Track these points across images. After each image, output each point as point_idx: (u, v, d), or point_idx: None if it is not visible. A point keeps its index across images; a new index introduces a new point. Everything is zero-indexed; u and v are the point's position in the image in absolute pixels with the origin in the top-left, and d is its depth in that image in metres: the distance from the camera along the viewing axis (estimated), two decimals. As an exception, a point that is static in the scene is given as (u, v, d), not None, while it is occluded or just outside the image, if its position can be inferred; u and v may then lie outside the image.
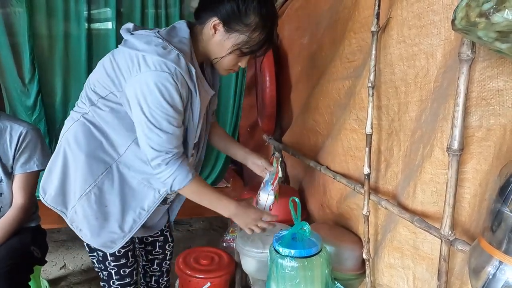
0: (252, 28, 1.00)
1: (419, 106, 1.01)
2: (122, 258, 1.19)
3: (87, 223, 1.10)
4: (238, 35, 1.00)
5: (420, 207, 0.97)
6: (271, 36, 1.05)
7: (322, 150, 1.55)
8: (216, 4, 0.99)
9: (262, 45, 1.04)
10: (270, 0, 1.05)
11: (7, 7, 1.74)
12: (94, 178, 1.07)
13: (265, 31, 1.02)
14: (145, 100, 0.95)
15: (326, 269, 1.09)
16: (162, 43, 0.97)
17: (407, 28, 0.98)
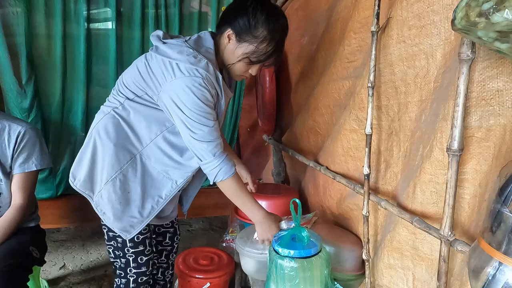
0: (260, 40, 1.12)
1: (419, 107, 1.00)
2: (140, 245, 1.27)
3: (111, 207, 1.20)
4: (247, 45, 1.13)
5: (419, 208, 0.96)
6: (279, 48, 1.16)
7: (322, 150, 1.55)
8: (231, 18, 1.14)
9: (269, 56, 1.15)
10: (279, 15, 1.15)
11: (5, 7, 1.74)
12: (120, 166, 1.18)
13: (272, 43, 1.13)
14: (183, 102, 1.08)
15: (326, 270, 1.08)
16: (193, 53, 1.10)
17: (407, 28, 0.98)
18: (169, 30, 2.04)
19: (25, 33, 1.76)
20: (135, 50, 2.01)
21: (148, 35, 2.03)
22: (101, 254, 2.32)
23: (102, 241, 2.49)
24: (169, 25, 2.04)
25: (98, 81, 1.99)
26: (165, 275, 1.59)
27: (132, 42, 2.02)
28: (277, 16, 1.14)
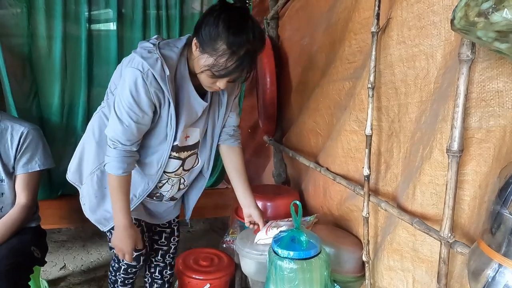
0: (219, 53, 1.04)
1: (419, 107, 1.00)
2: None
3: (88, 199, 1.30)
4: (207, 57, 1.07)
5: (419, 209, 0.96)
6: (243, 65, 1.06)
7: (322, 151, 1.54)
8: (198, 27, 1.08)
9: (230, 72, 1.06)
10: (247, 29, 1.04)
11: (5, 8, 1.74)
12: (99, 162, 1.24)
13: (232, 58, 1.04)
14: (118, 91, 1.10)
15: (325, 271, 1.08)
16: (150, 48, 1.10)
17: (407, 29, 0.98)
18: (170, 31, 2.04)
19: (25, 34, 1.77)
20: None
21: (149, 36, 2.03)
22: (101, 255, 2.32)
23: (102, 241, 2.49)
24: (170, 26, 2.04)
25: (99, 82, 1.99)
26: (163, 274, 1.60)
27: (133, 43, 2.02)
28: (243, 29, 1.03)
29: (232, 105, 1.33)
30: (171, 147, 1.21)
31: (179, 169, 1.29)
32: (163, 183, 1.31)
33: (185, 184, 1.38)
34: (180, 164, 1.28)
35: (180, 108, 1.17)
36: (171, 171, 1.28)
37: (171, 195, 1.37)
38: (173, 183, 1.33)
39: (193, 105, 1.19)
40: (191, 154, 1.30)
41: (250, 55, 1.06)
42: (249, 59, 1.07)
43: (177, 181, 1.33)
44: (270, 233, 1.31)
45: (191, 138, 1.26)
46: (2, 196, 1.42)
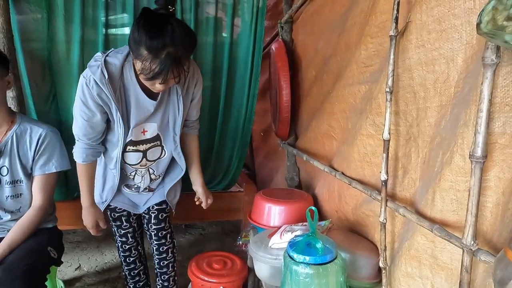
0: (143, 58, 1.13)
1: (438, 112, 0.99)
2: (117, 221, 1.58)
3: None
4: (138, 62, 1.18)
5: (439, 215, 0.94)
6: (167, 67, 1.12)
7: (337, 155, 1.53)
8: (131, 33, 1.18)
9: (156, 75, 1.14)
10: (166, 31, 1.10)
11: (26, 13, 1.78)
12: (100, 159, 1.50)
13: (155, 62, 1.12)
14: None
15: (341, 277, 1.07)
16: (97, 57, 1.28)
17: (427, 32, 0.96)
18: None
19: (45, 38, 1.80)
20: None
21: (164, 40, 2.06)
22: (115, 256, 2.35)
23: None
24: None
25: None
26: (160, 264, 1.69)
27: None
28: (161, 33, 1.08)
29: (191, 104, 1.47)
30: (123, 142, 1.36)
31: (142, 160, 1.45)
32: (133, 175, 1.50)
33: (155, 174, 1.53)
34: (141, 156, 1.44)
35: (129, 107, 1.32)
36: (134, 163, 1.45)
37: (146, 186, 1.54)
38: (143, 174, 1.50)
39: (142, 104, 1.33)
40: (152, 146, 1.44)
41: (172, 57, 1.12)
42: (172, 61, 1.12)
43: (145, 172, 1.50)
44: (285, 237, 1.30)
45: (149, 132, 1.40)
46: (20, 197, 1.45)
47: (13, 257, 1.28)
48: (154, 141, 1.44)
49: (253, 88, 2.10)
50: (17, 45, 1.75)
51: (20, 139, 1.43)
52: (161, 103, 1.37)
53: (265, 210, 1.63)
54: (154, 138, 1.43)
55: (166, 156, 1.50)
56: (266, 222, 1.61)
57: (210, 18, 2.06)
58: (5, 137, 1.40)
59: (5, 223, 1.43)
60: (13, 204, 1.44)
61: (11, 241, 1.32)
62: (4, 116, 1.41)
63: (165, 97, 1.38)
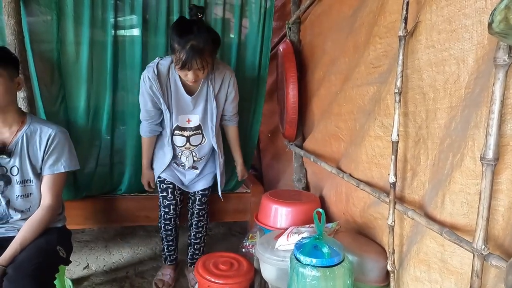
0: (175, 50, 1.51)
1: (448, 113, 0.97)
2: (164, 191, 1.86)
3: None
4: (173, 56, 1.55)
5: (449, 219, 0.93)
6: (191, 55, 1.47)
7: (344, 157, 1.52)
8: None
9: (184, 63, 1.49)
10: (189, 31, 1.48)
11: (36, 15, 1.80)
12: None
13: (182, 52, 1.48)
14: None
15: (349, 280, 1.06)
16: (154, 60, 1.69)
17: (437, 32, 0.95)
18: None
19: (54, 40, 1.83)
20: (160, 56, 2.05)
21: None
22: (123, 256, 2.36)
23: (124, 243, 2.53)
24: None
25: (123, 86, 2.03)
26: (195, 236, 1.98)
27: (157, 48, 2.05)
28: (187, 31, 1.48)
29: (226, 101, 1.79)
30: (171, 126, 1.74)
31: (186, 144, 1.81)
32: (179, 156, 1.85)
33: (197, 156, 1.86)
34: (185, 140, 1.80)
35: (172, 99, 1.69)
36: (180, 145, 1.81)
37: (190, 165, 1.88)
38: (187, 155, 1.85)
39: (181, 97, 1.70)
40: (195, 134, 1.80)
41: (195, 48, 1.46)
42: (195, 52, 1.47)
43: (189, 154, 1.85)
44: (291, 239, 1.29)
45: (192, 121, 1.77)
46: (30, 196, 1.47)
47: (23, 256, 1.29)
48: (196, 129, 1.79)
49: (260, 89, 2.10)
50: (28, 46, 1.78)
51: (30, 139, 1.44)
52: (198, 99, 1.72)
53: (272, 212, 1.62)
54: (196, 127, 1.79)
55: (206, 143, 1.84)
56: (273, 223, 1.61)
57: (218, 19, 2.06)
58: (16, 137, 1.42)
59: (15, 222, 1.45)
60: (23, 203, 1.46)
61: (21, 240, 1.34)
62: (14, 116, 1.43)
63: (201, 95, 1.72)
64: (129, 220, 2.14)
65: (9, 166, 1.42)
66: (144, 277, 2.09)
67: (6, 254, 1.28)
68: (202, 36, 1.48)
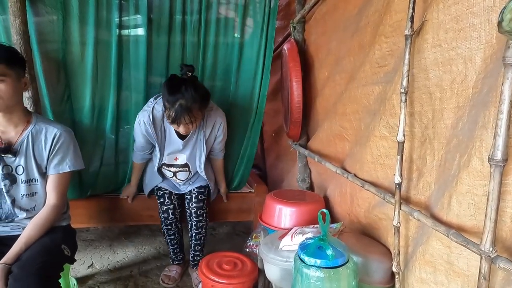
0: (165, 107, 1.67)
1: (455, 113, 0.96)
2: (161, 198, 1.94)
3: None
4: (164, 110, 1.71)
5: (455, 220, 0.92)
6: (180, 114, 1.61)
7: (349, 157, 1.51)
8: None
9: (174, 119, 1.64)
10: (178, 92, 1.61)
11: (42, 15, 1.81)
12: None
13: (171, 110, 1.62)
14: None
15: (353, 281, 1.05)
16: (149, 104, 1.83)
17: (444, 31, 0.94)
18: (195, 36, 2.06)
19: (60, 40, 1.83)
20: (163, 56, 2.05)
21: (175, 41, 2.06)
22: (127, 255, 2.37)
23: (128, 242, 2.54)
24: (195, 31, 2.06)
25: (127, 86, 2.04)
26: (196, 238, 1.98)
27: (160, 48, 2.05)
28: (176, 90, 1.61)
29: (215, 142, 1.95)
30: (159, 161, 1.91)
31: (173, 177, 1.97)
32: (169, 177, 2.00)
33: (184, 183, 2.01)
34: (173, 174, 1.96)
35: (166, 141, 1.85)
36: (169, 176, 1.99)
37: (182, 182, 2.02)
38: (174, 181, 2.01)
39: (173, 141, 1.85)
40: (181, 170, 1.95)
41: (183, 107, 1.60)
42: (183, 110, 1.60)
43: (175, 180, 2.01)
44: (295, 239, 1.29)
45: (179, 160, 1.92)
46: (35, 195, 1.47)
47: (27, 254, 1.30)
48: (183, 167, 1.94)
49: (263, 88, 2.10)
50: (34, 46, 1.78)
51: (36, 138, 1.45)
52: (188, 142, 1.88)
53: (276, 212, 1.62)
54: (183, 165, 1.94)
55: (191, 176, 1.99)
56: (276, 223, 1.60)
57: (221, 19, 2.06)
58: (21, 137, 1.43)
59: (20, 221, 1.46)
60: (28, 202, 1.46)
61: (26, 239, 1.34)
62: (20, 116, 1.43)
63: (192, 139, 1.88)
64: (133, 219, 2.14)
65: (14, 165, 1.42)
66: (148, 276, 2.09)
67: (11, 252, 1.29)
68: (190, 95, 1.60)
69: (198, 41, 2.06)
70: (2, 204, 1.44)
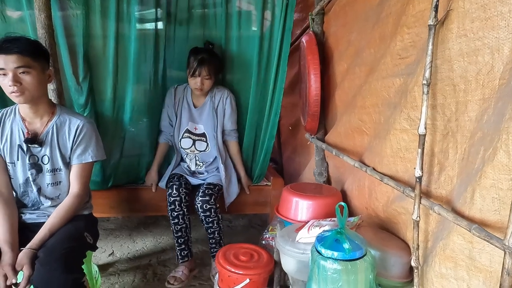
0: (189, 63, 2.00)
1: (480, 106, 0.93)
2: (169, 189, 1.98)
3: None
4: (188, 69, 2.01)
5: (478, 215, 0.89)
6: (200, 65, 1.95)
7: (368, 150, 1.49)
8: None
9: (194, 70, 1.96)
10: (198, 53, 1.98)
11: (66, 9, 1.86)
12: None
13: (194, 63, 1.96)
14: None
15: (371, 274, 1.04)
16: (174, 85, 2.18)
17: (470, 20, 0.91)
18: (216, 29, 2.07)
19: (82, 34, 1.87)
20: (182, 49, 2.07)
21: (195, 35, 2.08)
22: (146, 244, 2.43)
23: (147, 232, 2.60)
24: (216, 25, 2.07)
25: (145, 80, 2.07)
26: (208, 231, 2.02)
27: (179, 42, 2.08)
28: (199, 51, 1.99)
29: (225, 118, 2.13)
30: (180, 131, 2.14)
31: (192, 146, 2.15)
32: (184, 158, 2.18)
33: (200, 161, 2.17)
34: (192, 143, 2.15)
35: (183, 108, 2.13)
36: (186, 148, 2.15)
37: (194, 169, 2.18)
38: (191, 158, 2.17)
39: (190, 109, 2.14)
40: (199, 139, 2.15)
41: (204, 59, 1.95)
42: (204, 61, 1.95)
43: (193, 157, 2.17)
44: (312, 232, 1.29)
45: (198, 129, 2.14)
46: (59, 184, 1.53)
47: (52, 240, 1.35)
48: (201, 136, 2.15)
49: (279, 81, 2.09)
50: (58, 40, 1.83)
51: (60, 129, 1.50)
52: (202, 110, 2.13)
53: (292, 204, 1.62)
54: (202, 134, 2.15)
55: (209, 151, 2.15)
56: (293, 216, 1.60)
57: (242, 12, 2.06)
58: (46, 128, 1.48)
59: (46, 209, 1.52)
60: (53, 191, 1.52)
61: (51, 226, 1.40)
62: (45, 107, 1.49)
63: (204, 107, 2.12)
64: (152, 210, 2.20)
65: (40, 155, 1.48)
66: (166, 266, 2.14)
67: (37, 238, 1.34)
68: (210, 54, 1.99)
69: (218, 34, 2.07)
70: (29, 192, 1.50)
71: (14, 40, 1.32)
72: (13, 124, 1.46)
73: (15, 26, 1.82)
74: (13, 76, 1.31)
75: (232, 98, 2.12)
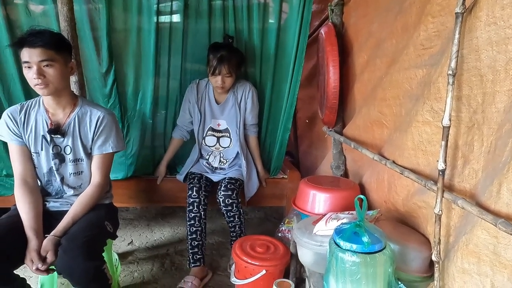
0: (209, 60, 1.96)
1: (509, 97, 0.89)
2: (190, 190, 1.96)
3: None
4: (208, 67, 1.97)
5: (505, 209, 0.86)
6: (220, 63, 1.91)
7: (388, 143, 1.47)
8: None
9: (214, 69, 1.92)
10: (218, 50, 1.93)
11: (90, 3, 1.89)
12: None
13: (214, 61, 1.92)
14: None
15: (390, 268, 1.03)
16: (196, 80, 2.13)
17: (500, 8, 0.87)
18: (236, 21, 2.06)
19: (105, 27, 1.90)
20: (202, 42, 2.07)
21: (215, 27, 2.07)
22: (163, 234, 2.47)
23: (165, 222, 2.65)
24: (236, 17, 2.06)
25: (164, 72, 2.09)
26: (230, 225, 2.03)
27: (198, 34, 2.08)
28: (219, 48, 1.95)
29: (246, 112, 2.11)
30: (204, 129, 2.12)
31: (216, 144, 2.13)
32: (209, 155, 2.15)
33: (224, 158, 2.15)
34: (216, 140, 2.13)
35: (206, 107, 2.09)
36: (211, 145, 2.14)
37: (217, 166, 2.14)
38: (215, 155, 2.15)
39: (212, 106, 2.10)
40: (223, 135, 2.13)
41: (224, 57, 1.91)
42: (224, 59, 1.91)
43: (218, 154, 2.14)
44: (330, 224, 1.28)
45: (221, 125, 2.12)
46: (81, 174, 1.57)
47: (75, 228, 1.40)
48: (225, 132, 2.13)
49: (296, 73, 2.07)
50: (81, 32, 1.87)
51: (81, 120, 1.53)
52: (224, 106, 2.10)
53: (310, 197, 1.61)
54: (225, 130, 2.13)
55: (232, 147, 2.14)
56: (310, 209, 1.60)
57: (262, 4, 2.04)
58: (69, 119, 1.52)
59: (68, 198, 1.56)
60: (75, 180, 1.56)
61: (73, 214, 1.44)
62: (68, 99, 1.52)
63: (227, 103, 2.09)
64: (169, 200, 2.23)
65: (63, 146, 1.52)
66: (183, 256, 2.18)
67: (60, 226, 1.39)
68: (230, 51, 1.94)
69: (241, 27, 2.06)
70: (52, 181, 1.55)
71: (38, 34, 1.35)
72: (38, 115, 1.50)
73: (39, 20, 1.86)
74: (37, 69, 1.34)
75: (254, 92, 2.08)
